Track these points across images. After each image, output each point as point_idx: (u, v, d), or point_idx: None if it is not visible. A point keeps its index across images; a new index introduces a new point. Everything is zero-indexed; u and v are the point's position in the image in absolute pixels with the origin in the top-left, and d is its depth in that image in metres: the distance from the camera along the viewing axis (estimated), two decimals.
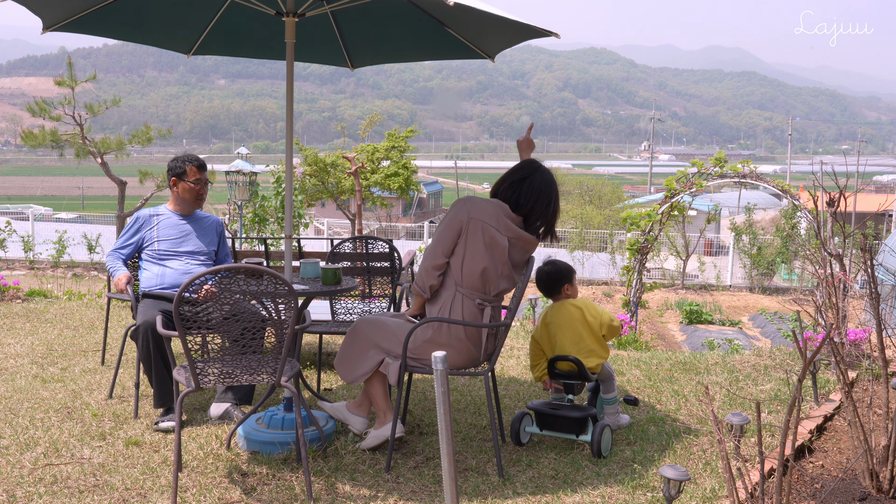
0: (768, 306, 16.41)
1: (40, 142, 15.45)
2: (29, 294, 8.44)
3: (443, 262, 3.48)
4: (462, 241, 3.45)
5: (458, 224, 3.45)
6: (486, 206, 3.47)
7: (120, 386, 4.61)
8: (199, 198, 4.44)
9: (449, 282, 3.49)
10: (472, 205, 3.48)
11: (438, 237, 3.49)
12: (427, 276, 3.50)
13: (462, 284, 3.46)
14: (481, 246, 3.43)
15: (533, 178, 3.55)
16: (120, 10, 4.06)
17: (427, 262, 3.50)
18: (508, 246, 3.47)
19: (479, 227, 3.43)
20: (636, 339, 8.50)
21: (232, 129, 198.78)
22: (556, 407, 3.74)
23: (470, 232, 3.43)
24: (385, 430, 3.57)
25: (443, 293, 3.51)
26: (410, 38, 4.64)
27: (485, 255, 3.44)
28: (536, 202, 3.53)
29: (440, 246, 3.48)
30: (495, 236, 3.44)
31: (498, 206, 3.49)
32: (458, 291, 3.47)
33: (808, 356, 2.40)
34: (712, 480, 3.29)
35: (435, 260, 3.48)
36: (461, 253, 3.45)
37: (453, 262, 3.48)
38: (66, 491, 3.14)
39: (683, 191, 10.76)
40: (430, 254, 3.50)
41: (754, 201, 24.24)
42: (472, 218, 3.44)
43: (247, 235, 15.15)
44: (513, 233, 3.48)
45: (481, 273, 3.45)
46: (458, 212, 3.47)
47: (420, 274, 3.52)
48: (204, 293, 3.05)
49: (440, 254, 3.48)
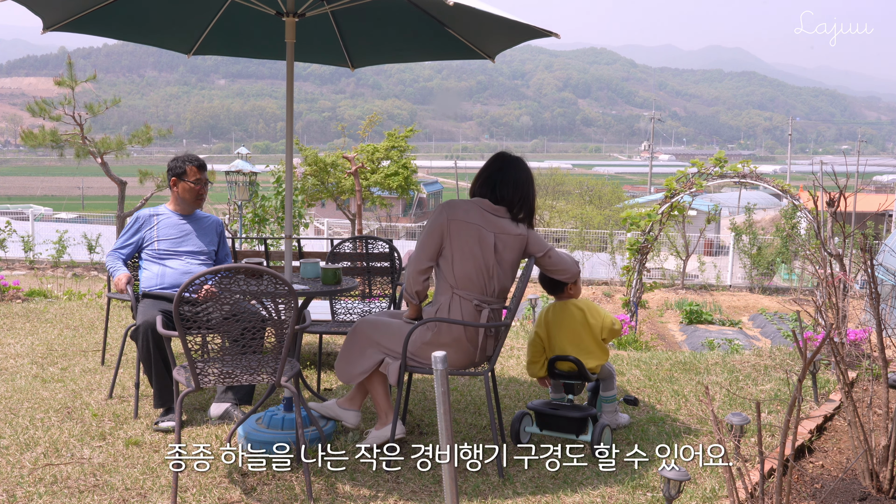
0: (768, 306, 16.41)
1: (40, 142, 15.44)
2: (29, 294, 8.44)
3: (426, 266, 3.50)
4: (447, 243, 3.46)
5: (439, 228, 3.47)
6: (466, 206, 3.50)
7: (120, 386, 4.61)
8: (200, 198, 4.44)
9: (444, 286, 3.50)
10: (450, 208, 3.51)
11: (422, 242, 3.52)
12: (413, 282, 3.52)
13: (457, 286, 3.47)
14: (467, 245, 3.44)
15: (506, 169, 3.58)
16: (120, 10, 4.06)
17: (411, 267, 3.53)
18: (495, 241, 3.47)
19: (461, 227, 3.45)
20: (636, 339, 8.50)
21: (232, 129, 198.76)
22: (556, 407, 3.74)
23: (453, 233, 3.45)
24: (386, 431, 3.57)
25: (440, 297, 3.51)
26: (410, 38, 4.64)
27: (473, 254, 3.45)
28: (514, 191, 3.55)
29: (422, 251, 3.50)
30: (480, 233, 3.45)
31: (478, 203, 3.52)
32: (454, 294, 3.47)
33: (808, 356, 2.40)
34: (712, 480, 3.29)
35: (419, 265, 3.50)
36: (449, 255, 3.46)
37: (443, 265, 3.48)
38: (66, 491, 3.14)
39: (683, 191, 10.76)
40: (413, 260, 3.53)
41: (754, 201, 24.22)
42: (451, 219, 3.45)
43: (247, 235, 15.15)
44: (497, 227, 3.50)
45: (474, 272, 3.45)
46: (437, 216, 3.50)
47: (407, 280, 3.55)
48: (204, 293, 3.05)
49: (423, 258, 3.50)
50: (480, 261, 3.45)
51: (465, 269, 3.45)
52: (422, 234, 3.55)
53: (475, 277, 3.46)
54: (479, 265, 3.45)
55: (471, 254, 3.45)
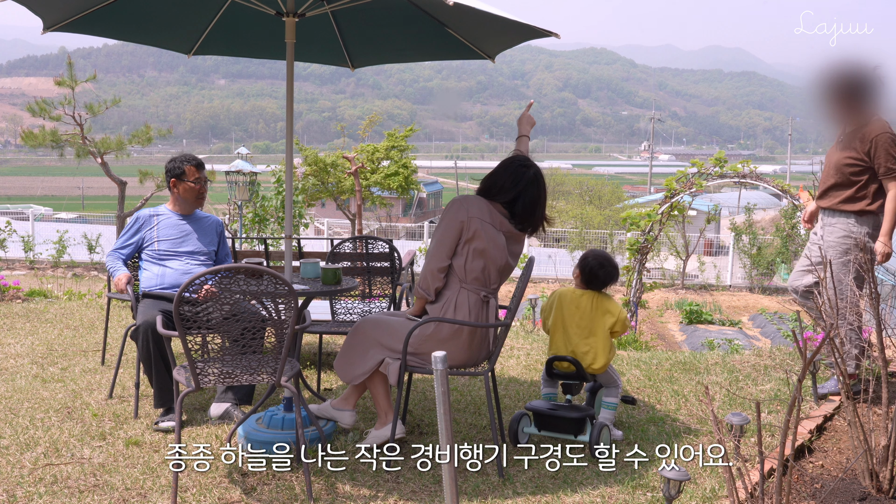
0: (768, 306, 16.40)
1: (40, 142, 15.44)
2: (29, 294, 8.43)
3: (446, 264, 3.49)
4: (464, 239, 3.46)
5: (459, 224, 3.45)
6: (482, 204, 3.50)
7: (120, 386, 4.61)
8: (200, 197, 4.44)
9: (453, 280, 3.50)
10: (469, 203, 3.49)
11: (441, 238, 3.49)
12: (432, 279, 3.50)
13: (466, 280, 3.48)
14: (482, 243, 3.45)
15: (528, 189, 3.55)
16: (120, 10, 4.06)
17: (431, 265, 3.49)
18: (506, 241, 3.52)
19: (478, 225, 3.45)
20: (636, 339, 8.50)
21: (232, 129, 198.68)
22: (555, 407, 3.74)
23: (471, 230, 3.45)
24: (386, 431, 3.57)
25: (446, 292, 3.51)
26: (410, 38, 4.64)
27: (487, 252, 3.46)
28: (532, 212, 3.57)
29: (443, 248, 3.48)
30: (491, 233, 3.47)
31: (491, 203, 3.53)
32: (462, 288, 3.48)
33: (808, 356, 2.40)
34: (712, 480, 3.29)
35: (439, 262, 3.48)
36: (464, 252, 3.46)
37: (456, 262, 3.49)
38: (66, 491, 3.14)
39: (683, 191, 10.76)
40: (433, 256, 3.50)
41: (754, 201, 24.22)
42: (471, 217, 3.45)
43: (247, 235, 15.15)
44: (506, 228, 3.53)
45: (483, 269, 3.48)
46: (457, 211, 3.47)
47: (424, 276, 3.52)
48: (204, 293, 3.05)
49: (444, 256, 3.48)
50: (493, 260, 3.48)
51: (476, 266, 3.47)
52: (439, 228, 3.51)
53: (484, 273, 3.49)
54: (491, 264, 3.48)
55: (484, 251, 3.46)
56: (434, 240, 3.53)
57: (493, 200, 3.56)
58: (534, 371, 5.30)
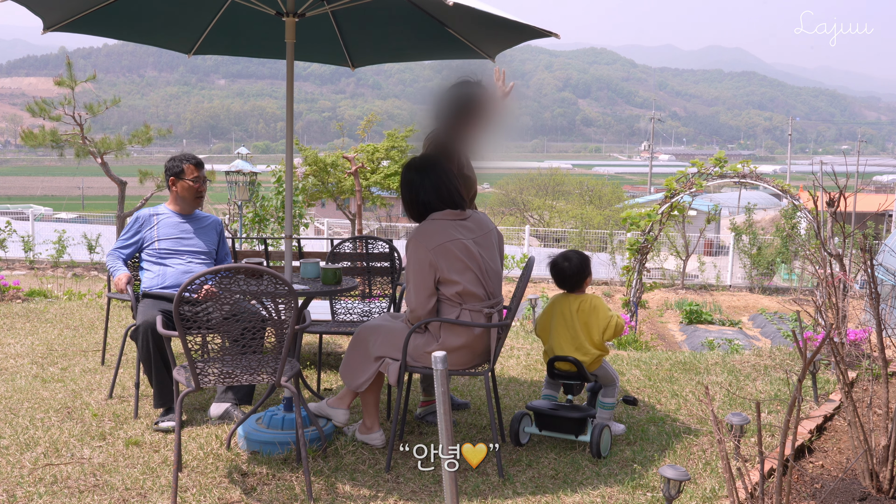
0: (768, 306, 16.41)
1: (40, 142, 15.45)
2: (29, 294, 8.44)
3: (432, 303, 3.42)
4: (441, 271, 3.38)
5: (426, 263, 3.38)
6: (434, 227, 3.43)
7: (120, 386, 4.61)
8: (199, 196, 4.44)
9: (449, 305, 3.44)
10: (424, 237, 3.41)
11: (415, 284, 3.41)
12: (424, 316, 3.44)
13: (464, 303, 3.43)
14: (458, 263, 3.38)
15: (422, 183, 3.50)
16: (120, 10, 4.06)
17: (418, 310, 3.42)
18: (476, 245, 3.44)
19: (445, 251, 3.38)
20: (636, 339, 8.50)
21: (232, 129, 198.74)
22: (556, 407, 3.74)
23: (441, 259, 3.37)
24: (375, 439, 3.66)
25: (449, 315, 3.45)
26: (411, 37, 4.64)
27: (469, 267, 3.40)
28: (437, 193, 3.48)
29: (421, 290, 3.41)
30: (461, 246, 3.40)
31: (438, 219, 3.45)
32: (463, 309, 3.43)
33: (808, 356, 2.40)
34: (712, 480, 3.29)
35: (427, 304, 3.41)
36: (446, 280, 3.39)
37: (444, 290, 3.42)
38: (66, 491, 3.14)
39: (683, 191, 10.76)
40: (416, 302, 3.41)
41: (754, 201, 24.22)
42: (431, 248, 3.38)
43: (247, 235, 15.15)
44: (471, 231, 3.47)
45: (474, 284, 3.41)
46: (417, 251, 3.40)
47: (414, 316, 3.45)
48: (204, 293, 3.05)
49: (426, 296, 3.41)
50: (474, 271, 3.42)
51: (464, 285, 3.40)
52: (409, 274, 3.44)
53: (477, 288, 3.43)
54: (475, 275, 3.42)
55: (464, 268, 3.39)
56: (409, 285, 3.45)
57: (430, 215, 3.49)
58: (534, 371, 5.30)
